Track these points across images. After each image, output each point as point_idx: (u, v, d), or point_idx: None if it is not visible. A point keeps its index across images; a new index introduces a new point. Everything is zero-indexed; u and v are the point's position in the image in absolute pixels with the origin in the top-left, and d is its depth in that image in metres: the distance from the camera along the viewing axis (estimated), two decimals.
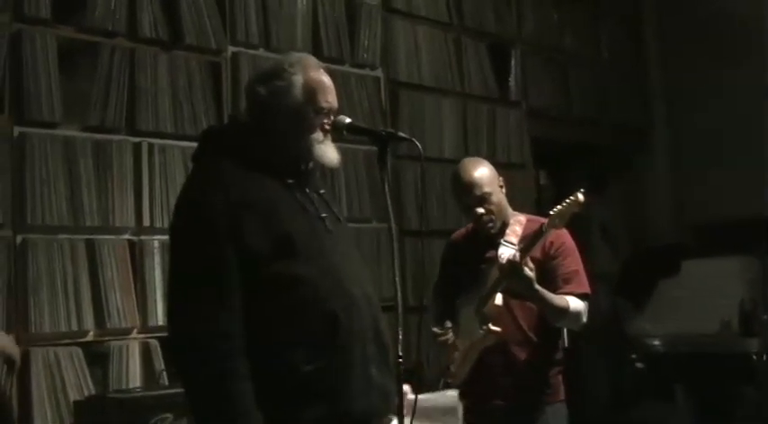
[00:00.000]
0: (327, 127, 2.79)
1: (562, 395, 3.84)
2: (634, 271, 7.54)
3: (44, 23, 4.24)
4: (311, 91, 2.76)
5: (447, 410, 3.99)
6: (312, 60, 2.91)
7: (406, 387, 2.88)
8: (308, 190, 2.78)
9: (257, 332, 2.55)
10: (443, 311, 3.81)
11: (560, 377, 3.85)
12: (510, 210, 3.89)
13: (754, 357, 6.22)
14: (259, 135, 2.74)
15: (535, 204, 6.77)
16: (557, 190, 7.93)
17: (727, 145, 7.51)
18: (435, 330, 3.75)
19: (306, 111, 2.74)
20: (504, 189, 3.87)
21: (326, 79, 2.82)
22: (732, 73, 7.48)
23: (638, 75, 8.34)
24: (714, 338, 6.32)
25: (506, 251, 3.71)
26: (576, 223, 3.76)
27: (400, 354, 2.65)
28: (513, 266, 3.51)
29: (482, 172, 3.80)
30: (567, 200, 3.58)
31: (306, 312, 2.59)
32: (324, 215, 2.77)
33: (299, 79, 2.76)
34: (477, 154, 6.21)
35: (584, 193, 3.57)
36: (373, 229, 5.41)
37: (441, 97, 6.20)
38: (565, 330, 3.95)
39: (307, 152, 2.75)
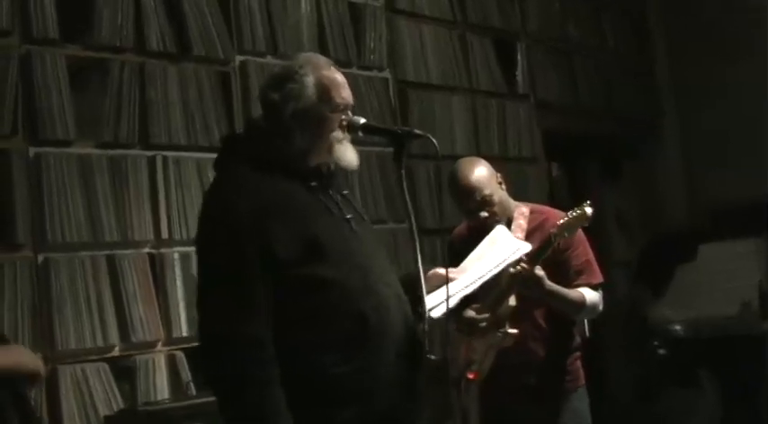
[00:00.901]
0: (345, 123, 2.78)
1: (583, 380, 3.86)
2: (651, 258, 7.54)
3: (52, 43, 4.26)
4: (324, 89, 2.75)
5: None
6: (321, 59, 2.91)
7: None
8: (331, 192, 2.78)
9: (287, 335, 2.56)
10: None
11: (579, 363, 3.86)
12: (512, 204, 3.86)
13: None
14: (278, 139, 2.74)
15: (548, 196, 6.77)
16: (570, 182, 7.95)
17: (737, 127, 7.51)
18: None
19: (321, 111, 2.74)
20: (503, 185, 3.83)
21: (338, 76, 2.82)
22: (740, 54, 7.48)
23: (645, 63, 8.33)
24: (735, 320, 6.31)
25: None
26: None
27: (427, 350, 2.66)
28: (525, 271, 3.51)
29: (480, 173, 3.76)
30: (575, 213, 3.56)
31: (335, 314, 2.59)
32: (349, 216, 2.77)
33: (310, 79, 2.75)
34: (489, 148, 6.26)
35: (590, 205, 3.57)
36: (389, 230, 5.41)
37: (449, 94, 6.21)
38: (585, 320, 3.97)
39: (327, 153, 2.75)
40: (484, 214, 3.74)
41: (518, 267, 3.52)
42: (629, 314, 7.30)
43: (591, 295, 3.72)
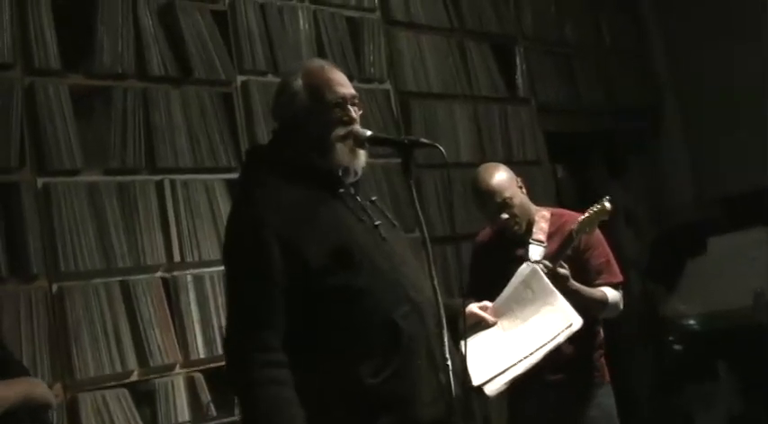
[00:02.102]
0: (346, 118, 2.79)
1: (608, 377, 3.92)
2: (661, 254, 7.54)
3: (55, 74, 4.28)
4: (314, 89, 2.79)
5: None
6: (314, 62, 2.97)
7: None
8: (359, 198, 2.80)
9: (321, 346, 2.57)
10: None
11: (603, 360, 3.91)
12: (533, 207, 3.95)
13: None
14: (292, 146, 2.78)
15: (555, 198, 6.77)
16: (575, 182, 7.96)
17: (739, 116, 7.52)
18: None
19: (315, 111, 2.77)
20: (523, 189, 3.93)
21: (330, 74, 2.84)
22: (739, 43, 7.49)
23: (643, 58, 8.34)
24: (748, 310, 6.30)
25: (535, 250, 3.75)
26: None
27: (447, 356, 2.66)
28: (548, 270, 3.55)
29: (500, 177, 3.88)
30: (595, 208, 3.64)
31: (367, 323, 2.59)
32: (378, 222, 2.78)
33: (299, 83, 2.81)
34: (494, 154, 6.26)
35: (610, 200, 3.62)
36: None
37: (451, 102, 6.21)
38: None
39: (332, 153, 2.76)
40: (505, 215, 3.83)
41: (542, 265, 3.57)
42: (642, 312, 7.30)
43: (612, 294, 3.80)
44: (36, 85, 4.21)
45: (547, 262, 3.59)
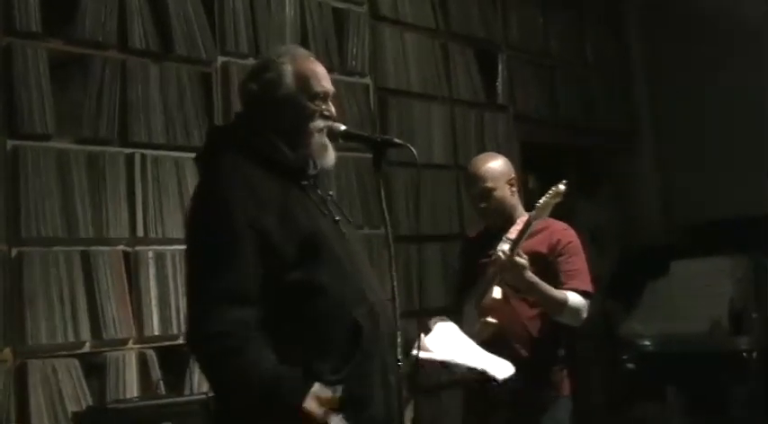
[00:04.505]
0: (327, 112, 2.78)
1: (567, 391, 3.90)
2: (623, 273, 7.57)
3: (35, 37, 4.24)
4: (303, 78, 2.76)
5: None
6: (301, 50, 2.92)
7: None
8: (320, 192, 2.78)
9: (281, 342, 2.52)
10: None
11: (564, 373, 3.90)
12: (519, 209, 3.95)
13: (745, 354, 6.26)
14: (261, 132, 2.73)
15: (525, 208, 6.77)
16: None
17: (713, 145, 7.57)
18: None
19: (300, 99, 2.74)
20: (514, 188, 3.93)
21: (317, 66, 2.82)
22: (716, 72, 7.54)
23: (623, 77, 8.39)
24: (704, 337, 6.35)
25: (504, 246, 3.76)
26: None
27: (399, 358, 2.64)
28: (505, 256, 3.57)
29: (491, 166, 3.91)
30: (549, 192, 3.65)
31: (329, 320, 2.56)
32: (337, 218, 2.76)
33: (288, 68, 2.76)
34: (466, 157, 6.24)
35: (565, 184, 3.64)
36: (364, 236, 5.39)
37: (429, 103, 6.22)
38: None
39: (308, 144, 2.74)
40: (483, 204, 3.84)
41: (500, 252, 3.59)
42: (599, 329, 7.33)
43: (575, 298, 3.74)
44: (14, 47, 4.17)
45: (505, 249, 3.60)
